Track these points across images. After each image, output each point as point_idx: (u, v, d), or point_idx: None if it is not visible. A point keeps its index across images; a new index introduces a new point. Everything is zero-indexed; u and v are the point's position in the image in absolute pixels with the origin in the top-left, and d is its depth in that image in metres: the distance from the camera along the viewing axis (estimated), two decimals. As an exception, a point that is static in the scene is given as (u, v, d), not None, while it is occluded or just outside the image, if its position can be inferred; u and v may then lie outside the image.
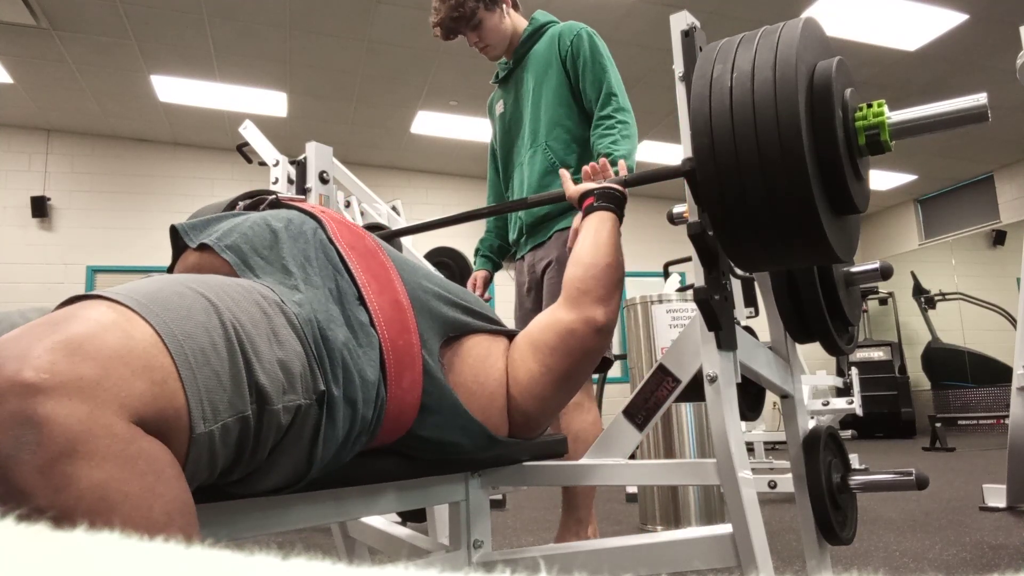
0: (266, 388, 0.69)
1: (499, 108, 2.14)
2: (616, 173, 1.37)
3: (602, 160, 1.37)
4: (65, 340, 0.56)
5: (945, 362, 7.55)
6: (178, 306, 0.66)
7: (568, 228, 1.88)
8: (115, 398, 0.56)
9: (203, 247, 0.90)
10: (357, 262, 0.94)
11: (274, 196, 1.13)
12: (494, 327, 1.10)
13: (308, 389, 0.75)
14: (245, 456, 0.70)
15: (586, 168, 1.37)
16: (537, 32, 2.02)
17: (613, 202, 1.25)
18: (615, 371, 6.34)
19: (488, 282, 2.22)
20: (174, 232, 0.95)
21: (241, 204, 1.13)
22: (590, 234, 1.20)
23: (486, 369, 1.05)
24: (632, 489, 3.53)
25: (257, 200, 1.12)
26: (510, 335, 1.14)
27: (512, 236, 2.12)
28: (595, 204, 1.24)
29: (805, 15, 1.06)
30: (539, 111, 1.97)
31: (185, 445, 0.62)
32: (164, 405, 0.60)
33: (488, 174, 2.29)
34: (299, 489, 0.82)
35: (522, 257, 2.09)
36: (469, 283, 2.22)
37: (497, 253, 2.25)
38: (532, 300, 2.03)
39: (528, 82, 2.02)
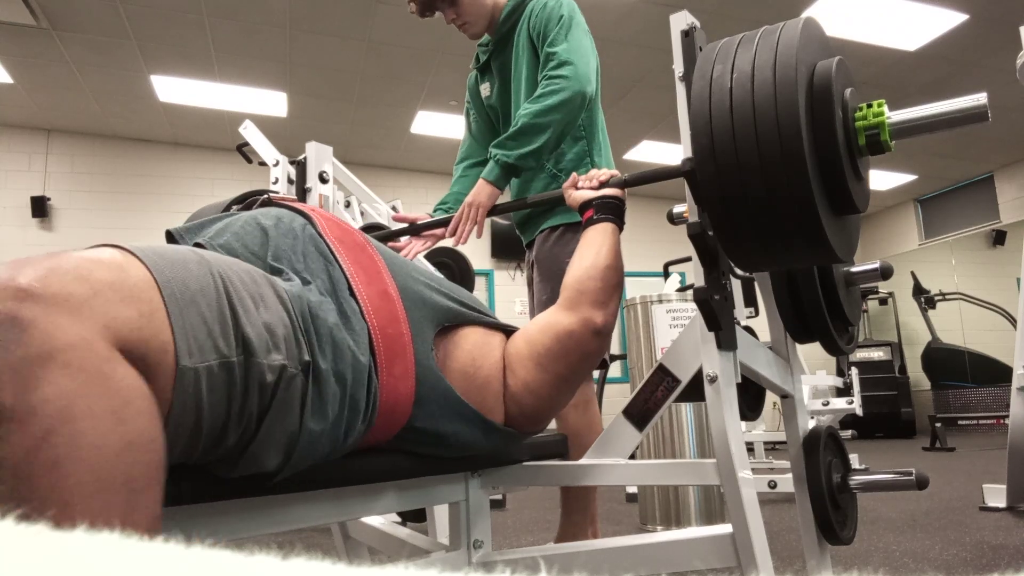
0: (251, 339, 0.71)
1: (484, 91, 2.03)
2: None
3: (594, 171, 1.35)
4: (64, 262, 0.60)
5: (945, 362, 7.55)
6: (174, 260, 0.70)
7: (551, 227, 1.84)
8: (101, 318, 0.58)
9: (197, 247, 0.92)
10: (345, 255, 0.96)
11: (265, 196, 1.15)
12: (489, 320, 1.11)
13: (293, 356, 0.77)
14: (234, 410, 0.70)
15: (574, 177, 1.35)
16: (517, 8, 1.88)
17: (613, 212, 1.26)
18: (615, 371, 6.34)
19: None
20: (170, 236, 0.98)
21: (235, 208, 1.15)
22: (591, 244, 1.21)
23: (484, 354, 1.06)
24: (632, 489, 3.53)
25: (250, 201, 1.15)
26: (507, 330, 1.15)
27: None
28: (595, 217, 1.26)
29: (805, 15, 1.06)
30: (520, 103, 1.85)
31: (171, 381, 0.63)
32: (149, 336, 0.61)
33: (464, 135, 2.14)
34: (299, 484, 0.83)
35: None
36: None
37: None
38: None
39: (513, 68, 1.90)
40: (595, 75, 1.75)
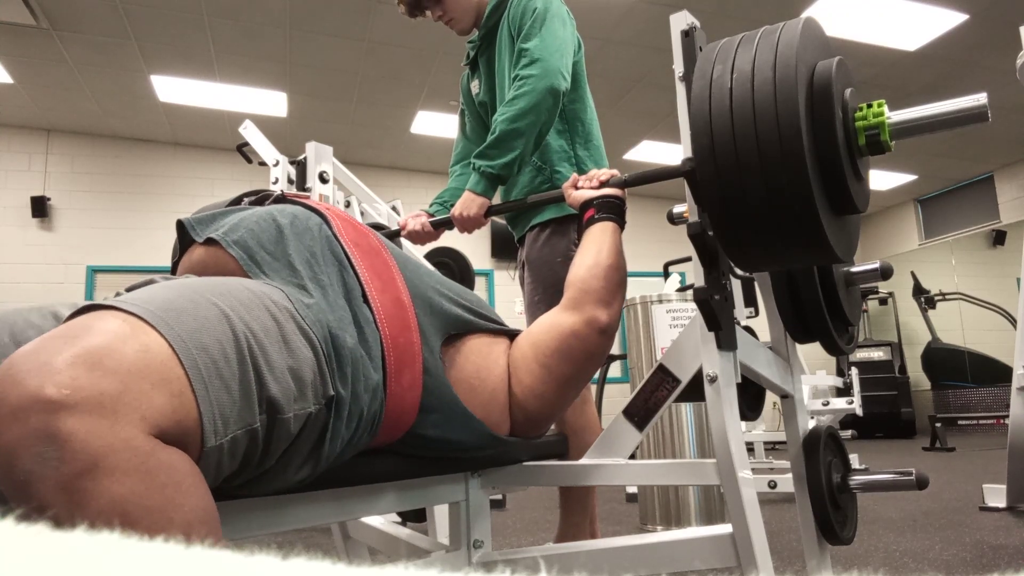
0: (277, 398, 0.69)
1: (474, 88, 2.03)
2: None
3: (594, 171, 1.35)
4: (84, 354, 0.56)
5: (945, 362, 7.55)
6: (191, 316, 0.66)
7: (541, 224, 1.83)
8: (135, 412, 0.56)
9: (210, 241, 0.91)
10: (360, 259, 0.94)
11: (279, 192, 1.13)
12: (496, 326, 1.10)
13: (318, 395, 0.75)
14: (252, 465, 0.70)
15: (574, 177, 1.35)
16: (502, 2, 1.87)
17: (613, 211, 1.26)
18: (615, 371, 6.34)
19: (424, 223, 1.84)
20: (180, 227, 0.95)
21: (246, 200, 1.13)
22: (593, 244, 1.20)
23: (488, 365, 1.05)
24: (632, 489, 3.53)
25: (262, 196, 1.13)
26: (511, 335, 1.14)
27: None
28: (595, 216, 1.25)
29: (805, 15, 1.06)
30: (504, 98, 1.81)
31: (197, 454, 0.63)
32: (183, 416, 0.60)
33: (457, 136, 2.14)
34: (300, 488, 0.83)
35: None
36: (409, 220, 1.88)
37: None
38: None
39: (497, 62, 1.90)
40: (569, 69, 1.72)
